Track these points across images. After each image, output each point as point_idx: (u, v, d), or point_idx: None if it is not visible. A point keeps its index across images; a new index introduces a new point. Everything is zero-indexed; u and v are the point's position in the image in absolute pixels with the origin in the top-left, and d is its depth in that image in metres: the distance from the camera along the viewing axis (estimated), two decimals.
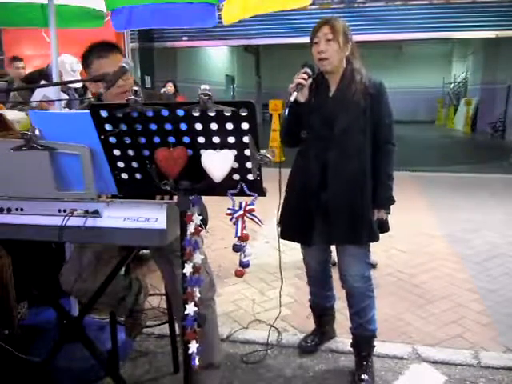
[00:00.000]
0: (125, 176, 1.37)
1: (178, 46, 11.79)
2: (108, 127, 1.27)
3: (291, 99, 1.90)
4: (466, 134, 15.45)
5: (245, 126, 1.19)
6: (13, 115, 2.40)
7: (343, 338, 2.46)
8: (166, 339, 2.36)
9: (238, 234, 1.29)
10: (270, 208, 2.07)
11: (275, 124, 9.37)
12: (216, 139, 1.23)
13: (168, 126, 1.24)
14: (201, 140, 1.24)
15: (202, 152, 1.25)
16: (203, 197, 1.65)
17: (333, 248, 2.28)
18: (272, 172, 1.58)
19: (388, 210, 2.08)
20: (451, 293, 3.08)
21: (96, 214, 1.40)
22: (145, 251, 2.94)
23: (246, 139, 1.21)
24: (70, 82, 3.86)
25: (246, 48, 19.28)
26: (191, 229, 1.29)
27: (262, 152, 1.22)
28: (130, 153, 1.32)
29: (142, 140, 1.28)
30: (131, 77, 1.82)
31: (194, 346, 1.35)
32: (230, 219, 1.30)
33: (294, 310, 2.85)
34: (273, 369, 2.27)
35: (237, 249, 1.30)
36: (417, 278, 3.34)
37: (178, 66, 13.18)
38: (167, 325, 2.26)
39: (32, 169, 1.39)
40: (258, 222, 1.31)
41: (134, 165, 1.34)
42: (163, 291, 2.29)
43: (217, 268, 3.48)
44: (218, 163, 1.23)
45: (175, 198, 1.36)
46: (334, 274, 2.37)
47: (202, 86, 1.15)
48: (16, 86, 3.98)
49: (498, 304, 2.91)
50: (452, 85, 20.88)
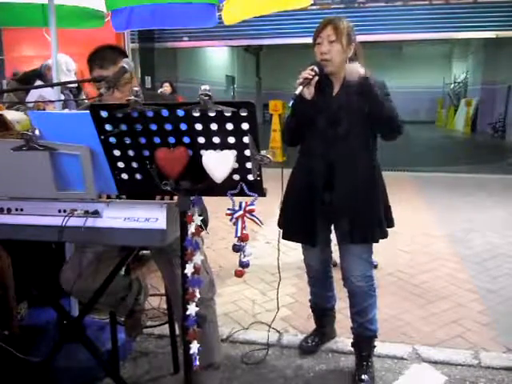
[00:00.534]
0: (125, 176, 1.37)
1: (178, 47, 11.80)
2: (108, 127, 1.28)
3: (296, 92, 1.89)
4: (466, 135, 15.46)
5: (245, 126, 1.19)
6: (13, 115, 2.39)
7: (344, 339, 2.46)
8: (166, 339, 2.36)
9: (238, 234, 1.29)
10: (271, 208, 2.07)
11: (275, 124, 9.37)
12: (216, 139, 1.23)
13: (168, 127, 1.24)
14: (201, 140, 1.24)
15: (203, 152, 1.25)
16: (204, 197, 1.66)
17: (333, 248, 2.28)
18: (272, 172, 1.57)
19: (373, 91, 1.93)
20: (451, 293, 3.08)
21: (96, 214, 1.40)
22: (145, 251, 2.94)
23: (246, 139, 1.21)
24: (71, 82, 3.86)
25: (247, 48, 19.29)
26: (192, 229, 1.29)
27: (262, 152, 1.22)
28: (130, 153, 1.32)
29: (142, 140, 1.28)
30: (136, 82, 1.81)
31: (195, 347, 1.35)
32: (230, 219, 1.30)
33: (294, 311, 2.85)
34: (273, 369, 2.26)
35: (237, 249, 1.30)
36: (417, 278, 3.34)
37: (179, 66, 13.19)
38: (167, 325, 2.26)
39: (32, 169, 1.39)
40: (258, 222, 1.31)
41: (134, 165, 1.34)
42: (163, 291, 2.29)
43: (217, 268, 3.48)
44: (219, 164, 1.23)
45: (175, 198, 1.36)
46: (335, 274, 2.37)
47: (203, 87, 1.15)
48: (11, 87, 3.96)
49: (498, 304, 2.91)
50: (452, 85, 20.89)
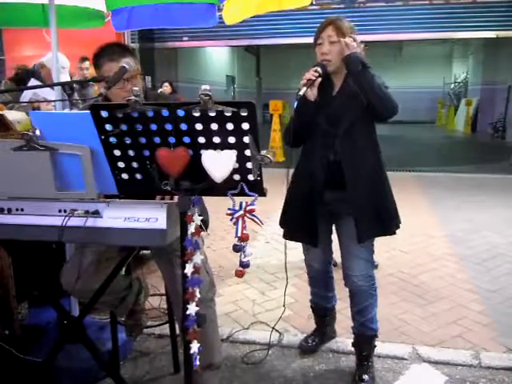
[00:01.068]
0: (125, 176, 1.37)
1: (178, 46, 11.79)
2: (108, 127, 1.28)
3: (300, 93, 1.89)
4: (467, 135, 15.45)
5: (245, 126, 1.19)
6: (13, 116, 2.40)
7: (344, 338, 2.46)
8: (167, 339, 2.36)
9: (239, 234, 1.29)
10: (271, 208, 2.07)
11: (275, 124, 9.37)
12: (216, 139, 1.23)
13: (168, 126, 1.24)
14: (201, 140, 1.24)
15: (203, 152, 1.25)
16: (204, 197, 1.66)
17: (334, 249, 2.28)
18: (272, 172, 1.57)
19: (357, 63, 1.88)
20: (452, 293, 3.08)
21: (96, 214, 1.40)
22: (145, 251, 2.94)
23: (246, 139, 1.21)
24: (72, 82, 3.86)
25: (247, 48, 19.29)
26: (192, 229, 1.29)
27: (263, 152, 1.22)
28: (131, 153, 1.32)
29: (143, 140, 1.28)
30: (141, 81, 1.81)
31: (195, 346, 1.35)
32: (231, 219, 1.30)
33: (294, 311, 2.85)
34: (273, 369, 2.26)
35: (237, 249, 1.30)
36: (417, 278, 3.34)
37: (179, 66, 13.18)
38: (167, 325, 2.26)
39: (32, 169, 1.39)
40: (258, 222, 1.31)
41: (135, 165, 1.34)
42: (163, 291, 2.29)
43: (217, 268, 3.48)
44: (219, 164, 1.23)
45: (175, 198, 1.36)
46: (335, 274, 2.37)
47: (203, 87, 1.15)
48: (5, 88, 3.95)
49: (498, 304, 2.91)
50: (452, 85, 20.89)
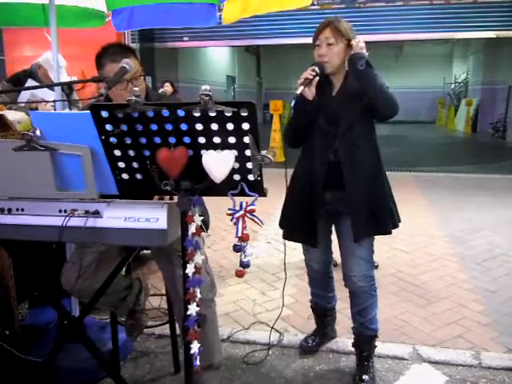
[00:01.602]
0: (125, 176, 1.37)
1: (178, 47, 11.79)
2: (109, 127, 1.28)
3: (297, 92, 1.90)
4: (467, 135, 15.44)
5: (245, 126, 1.19)
6: (14, 116, 2.40)
7: (344, 339, 2.46)
8: (167, 339, 2.36)
9: (239, 235, 1.29)
10: (271, 208, 2.07)
11: (276, 124, 9.37)
12: (217, 139, 1.23)
13: (169, 127, 1.24)
14: (201, 140, 1.24)
15: (203, 152, 1.25)
16: (204, 197, 1.65)
17: (334, 249, 2.28)
18: (272, 172, 1.57)
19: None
20: (452, 293, 3.08)
21: (96, 214, 1.40)
22: (146, 251, 2.94)
23: (246, 139, 1.21)
24: (72, 82, 3.86)
25: (247, 48, 19.29)
26: (192, 229, 1.29)
27: (263, 152, 1.22)
28: (131, 153, 1.32)
29: (143, 140, 1.28)
30: (143, 81, 1.80)
31: (195, 347, 1.35)
32: (231, 219, 1.30)
33: (294, 311, 2.85)
34: (273, 369, 2.26)
35: (237, 249, 1.30)
36: (417, 279, 3.34)
37: (179, 66, 13.19)
38: (168, 325, 2.26)
39: (33, 169, 1.39)
40: (258, 222, 1.31)
41: (135, 165, 1.34)
42: (164, 291, 2.29)
43: (217, 268, 3.48)
44: (219, 164, 1.23)
45: (175, 198, 1.36)
46: (335, 274, 2.37)
47: (203, 87, 1.15)
48: (4, 88, 3.94)
49: (498, 304, 2.91)
50: (453, 85, 20.88)
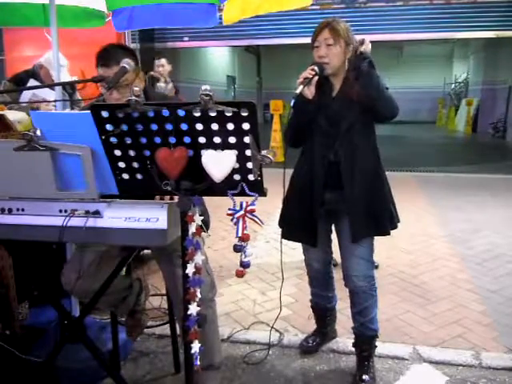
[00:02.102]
0: (126, 176, 1.37)
1: (178, 47, 11.78)
2: (109, 127, 1.28)
3: (297, 92, 1.91)
4: (467, 135, 15.44)
5: (246, 126, 1.19)
6: (14, 116, 2.40)
7: (344, 339, 2.46)
8: (167, 339, 2.36)
9: (239, 235, 1.29)
10: (271, 208, 2.07)
11: (276, 124, 9.38)
12: (217, 139, 1.23)
13: (169, 127, 1.24)
14: (201, 140, 1.24)
15: (203, 152, 1.25)
16: (205, 197, 1.65)
17: (334, 248, 2.28)
18: (273, 172, 1.57)
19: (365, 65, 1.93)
20: (452, 293, 3.08)
21: (97, 214, 1.40)
22: (146, 251, 2.95)
23: (246, 139, 1.21)
24: (73, 82, 3.86)
25: (247, 48, 19.28)
26: (192, 229, 1.29)
27: (263, 152, 1.22)
28: (131, 153, 1.32)
29: (143, 140, 1.28)
30: (142, 81, 1.81)
31: (195, 347, 1.35)
32: (231, 219, 1.30)
33: (295, 311, 2.85)
34: (274, 369, 2.26)
35: (237, 249, 1.30)
36: (418, 279, 3.34)
37: (179, 66, 13.17)
38: (168, 325, 2.26)
39: (33, 169, 1.39)
40: (258, 222, 1.31)
41: (135, 165, 1.34)
42: (164, 291, 2.29)
43: (218, 268, 3.48)
44: (219, 163, 1.23)
45: (176, 198, 1.36)
46: (335, 274, 2.37)
47: (203, 87, 1.16)
48: (5, 88, 3.94)
49: (498, 304, 2.91)
50: (453, 85, 20.87)
